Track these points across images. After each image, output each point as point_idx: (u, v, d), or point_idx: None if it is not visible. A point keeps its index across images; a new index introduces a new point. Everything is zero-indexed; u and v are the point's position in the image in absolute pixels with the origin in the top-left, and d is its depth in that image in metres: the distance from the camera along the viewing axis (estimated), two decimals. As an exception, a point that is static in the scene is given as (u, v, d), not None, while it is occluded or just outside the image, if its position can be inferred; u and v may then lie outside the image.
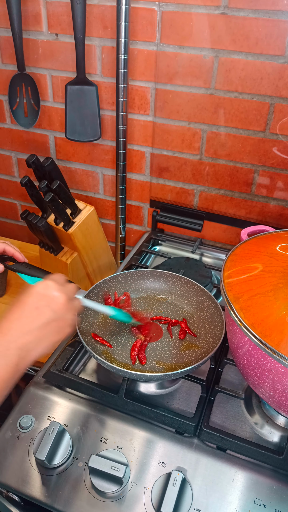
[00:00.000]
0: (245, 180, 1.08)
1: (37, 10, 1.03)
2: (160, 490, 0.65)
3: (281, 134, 0.99)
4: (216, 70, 0.96)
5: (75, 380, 0.78)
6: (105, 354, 0.81)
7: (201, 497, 0.64)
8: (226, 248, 1.21)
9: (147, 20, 0.95)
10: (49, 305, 0.60)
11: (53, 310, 0.60)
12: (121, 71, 0.98)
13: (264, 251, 0.71)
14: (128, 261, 1.11)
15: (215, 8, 0.90)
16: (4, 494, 0.73)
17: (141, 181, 1.19)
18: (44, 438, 0.68)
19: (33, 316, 0.58)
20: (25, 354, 0.56)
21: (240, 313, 0.61)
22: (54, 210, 0.98)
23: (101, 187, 1.25)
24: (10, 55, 1.11)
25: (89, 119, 1.09)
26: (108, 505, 0.65)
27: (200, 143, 1.07)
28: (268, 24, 0.88)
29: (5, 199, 1.42)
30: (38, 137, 1.23)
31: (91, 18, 0.99)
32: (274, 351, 0.56)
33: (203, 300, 0.90)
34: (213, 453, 0.69)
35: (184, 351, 0.82)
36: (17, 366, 0.55)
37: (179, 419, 0.71)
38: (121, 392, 0.75)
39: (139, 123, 1.09)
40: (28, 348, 0.57)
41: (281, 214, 1.10)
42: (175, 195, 1.18)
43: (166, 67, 0.99)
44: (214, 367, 0.81)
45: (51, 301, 0.60)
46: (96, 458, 0.65)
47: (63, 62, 1.08)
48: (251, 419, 0.76)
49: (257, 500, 0.64)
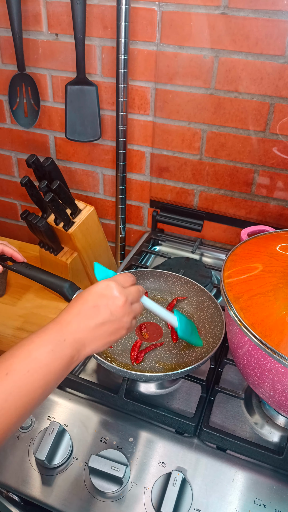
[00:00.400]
0: (245, 180, 1.08)
1: (37, 10, 1.03)
2: (160, 490, 0.65)
3: (281, 134, 0.99)
4: (216, 70, 0.96)
5: (75, 380, 0.78)
6: (105, 354, 0.81)
7: (201, 497, 0.64)
8: (226, 248, 1.21)
9: (147, 20, 0.95)
10: (107, 305, 0.59)
11: (110, 311, 0.59)
12: (121, 71, 0.98)
13: (264, 251, 0.71)
14: (128, 261, 1.11)
15: (215, 8, 0.90)
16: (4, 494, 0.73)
17: (141, 181, 1.19)
18: (44, 438, 0.68)
19: (91, 314, 0.58)
20: (80, 348, 0.57)
21: (240, 313, 0.61)
22: (54, 210, 0.98)
23: (101, 187, 1.25)
24: (10, 55, 1.11)
25: (89, 119, 1.09)
26: (108, 505, 0.65)
27: (200, 143, 1.07)
28: (268, 24, 0.88)
29: (5, 199, 1.42)
30: (38, 137, 1.23)
31: (91, 18, 0.99)
32: (274, 351, 0.56)
33: (203, 300, 0.90)
34: (213, 453, 0.69)
35: (184, 351, 0.82)
36: (71, 358, 0.56)
37: (179, 419, 0.71)
38: (121, 392, 0.75)
39: (139, 123, 1.09)
40: (84, 343, 0.57)
41: (281, 214, 1.10)
42: (175, 195, 1.18)
43: (166, 67, 0.99)
44: (214, 367, 0.81)
45: (110, 302, 0.60)
46: (96, 458, 0.65)
47: (63, 62, 1.08)
48: (251, 419, 0.76)
49: (257, 500, 0.64)
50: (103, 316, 0.59)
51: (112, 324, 0.60)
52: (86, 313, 0.58)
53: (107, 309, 0.59)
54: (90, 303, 0.59)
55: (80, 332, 0.57)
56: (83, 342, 0.57)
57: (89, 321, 0.58)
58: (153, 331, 0.86)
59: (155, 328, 0.87)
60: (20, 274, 0.83)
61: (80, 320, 0.58)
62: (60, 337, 0.56)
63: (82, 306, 0.59)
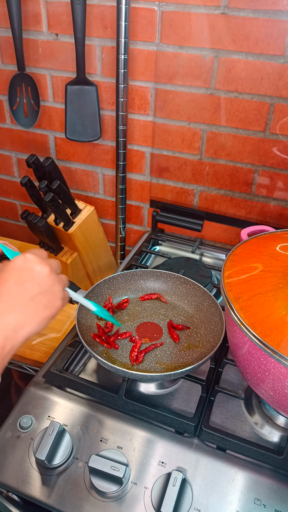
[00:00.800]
0: (245, 180, 1.08)
1: (37, 10, 1.03)
2: (160, 490, 0.65)
3: (281, 134, 0.99)
4: (216, 70, 0.96)
5: (75, 380, 0.78)
6: (105, 354, 0.81)
7: (201, 497, 0.64)
8: (226, 248, 1.21)
9: (147, 20, 0.96)
10: (32, 278, 0.54)
11: (37, 283, 0.54)
12: (121, 71, 0.98)
13: (264, 251, 0.71)
14: (128, 261, 1.11)
15: (215, 8, 0.90)
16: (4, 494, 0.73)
17: (141, 181, 1.19)
18: (44, 438, 0.68)
19: (15, 293, 0.53)
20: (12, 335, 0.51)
21: (240, 313, 0.61)
22: (54, 210, 0.98)
23: (101, 187, 1.25)
24: (10, 55, 1.11)
25: (89, 119, 1.09)
26: (108, 505, 0.65)
27: (200, 143, 1.07)
28: (268, 24, 0.88)
29: (5, 199, 1.42)
30: (38, 137, 1.23)
31: (91, 18, 0.99)
32: (274, 351, 0.56)
33: (203, 300, 0.90)
34: (213, 453, 0.69)
35: (184, 351, 0.82)
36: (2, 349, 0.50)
37: (179, 419, 0.71)
38: (121, 392, 0.75)
39: (139, 123, 1.09)
40: (15, 327, 0.52)
41: (281, 214, 1.10)
42: (175, 195, 1.18)
43: (166, 67, 0.99)
44: (214, 367, 0.81)
45: (34, 274, 0.54)
46: (96, 458, 0.65)
47: (63, 62, 1.08)
48: (251, 419, 0.76)
49: (257, 500, 0.64)
50: (30, 291, 0.54)
51: (43, 296, 0.55)
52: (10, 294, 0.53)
53: (33, 282, 0.54)
54: (11, 281, 0.53)
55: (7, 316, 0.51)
56: (13, 326, 0.52)
57: (15, 302, 0.52)
58: (153, 331, 0.86)
59: (155, 328, 0.87)
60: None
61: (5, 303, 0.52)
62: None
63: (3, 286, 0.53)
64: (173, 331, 0.85)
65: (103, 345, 0.82)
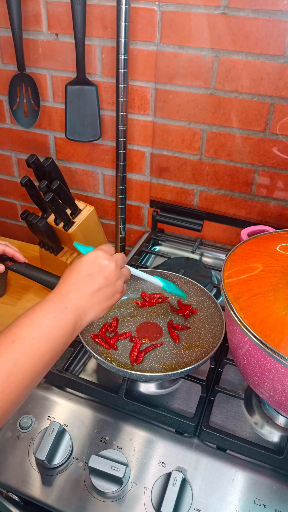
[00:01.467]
0: (245, 180, 1.08)
1: (37, 10, 1.03)
2: (160, 490, 0.65)
3: (281, 134, 0.99)
4: (216, 70, 0.96)
5: (75, 380, 0.78)
6: (105, 354, 0.81)
7: (201, 497, 0.64)
8: (226, 248, 1.21)
9: (147, 20, 0.95)
10: (100, 272, 0.63)
11: (104, 276, 0.63)
12: (121, 71, 0.98)
13: (264, 251, 0.71)
14: (128, 261, 1.11)
15: (215, 8, 0.90)
16: (4, 494, 0.73)
17: (141, 181, 1.19)
18: (44, 438, 0.68)
19: (87, 282, 0.62)
20: (82, 315, 0.60)
21: (240, 313, 0.61)
22: (54, 210, 0.98)
23: (101, 187, 1.25)
24: (10, 55, 1.11)
25: (89, 119, 1.09)
26: (108, 505, 0.65)
27: (200, 143, 1.07)
28: (268, 24, 0.88)
29: (5, 199, 1.42)
30: (38, 137, 1.23)
31: (91, 18, 0.99)
32: (274, 351, 0.56)
33: (203, 300, 0.90)
34: (213, 453, 0.69)
35: (184, 351, 0.82)
36: (74, 324, 0.58)
37: (179, 419, 0.71)
38: (121, 392, 0.75)
39: (139, 123, 1.09)
40: (84, 309, 0.60)
41: (281, 214, 1.10)
42: (175, 195, 1.18)
43: (166, 67, 0.99)
44: (214, 367, 0.81)
45: (102, 269, 0.64)
46: (96, 458, 0.65)
47: (63, 62, 1.08)
48: (251, 419, 0.76)
49: (257, 500, 0.64)
50: (98, 282, 0.63)
51: (108, 289, 0.64)
52: (82, 282, 0.62)
53: (101, 275, 0.63)
54: (84, 272, 0.63)
55: (79, 299, 0.60)
56: (83, 309, 0.60)
57: (86, 289, 0.61)
58: (153, 331, 0.86)
59: (155, 328, 0.87)
60: (20, 274, 0.83)
61: (78, 289, 0.61)
62: (62, 305, 0.58)
63: (78, 276, 0.62)
64: (173, 331, 0.85)
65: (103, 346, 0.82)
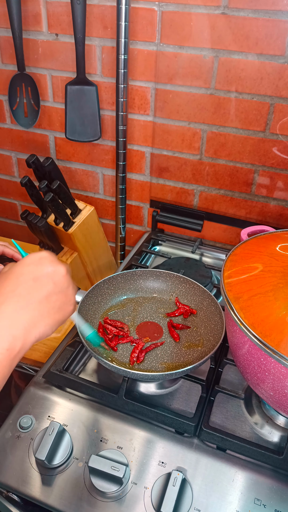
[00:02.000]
0: (245, 180, 1.08)
1: (37, 10, 1.03)
2: (160, 490, 0.65)
3: (281, 134, 0.99)
4: (216, 70, 0.96)
5: (75, 380, 0.78)
6: (105, 354, 0.81)
7: (201, 497, 0.64)
8: (226, 248, 1.21)
9: (147, 20, 0.96)
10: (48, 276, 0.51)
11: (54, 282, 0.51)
12: (121, 71, 0.98)
13: (264, 251, 0.71)
14: (128, 261, 1.11)
15: (215, 8, 0.90)
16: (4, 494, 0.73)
17: (141, 181, 1.19)
18: (44, 438, 0.68)
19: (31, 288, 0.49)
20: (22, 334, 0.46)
21: (240, 313, 0.61)
22: (54, 210, 0.98)
23: (101, 187, 1.25)
24: (10, 55, 1.11)
25: (89, 119, 1.09)
26: (108, 505, 0.65)
27: (200, 143, 1.07)
28: (268, 24, 0.88)
29: (5, 199, 1.42)
30: (38, 137, 1.23)
31: (91, 18, 0.99)
32: (274, 351, 0.56)
33: (203, 300, 0.90)
34: (213, 453, 0.69)
35: (185, 350, 0.82)
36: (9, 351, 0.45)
37: (179, 419, 0.71)
38: (121, 392, 0.75)
39: (139, 123, 1.09)
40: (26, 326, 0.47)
41: (281, 214, 1.10)
42: (175, 195, 1.18)
43: (166, 67, 0.99)
44: (214, 367, 0.81)
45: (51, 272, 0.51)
46: (96, 458, 0.65)
47: (63, 62, 1.08)
48: (251, 419, 0.76)
49: (257, 500, 0.64)
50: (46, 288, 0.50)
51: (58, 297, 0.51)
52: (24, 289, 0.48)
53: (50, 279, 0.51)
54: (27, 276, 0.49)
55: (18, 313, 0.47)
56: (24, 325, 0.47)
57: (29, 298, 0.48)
58: (153, 331, 0.86)
59: (155, 327, 0.87)
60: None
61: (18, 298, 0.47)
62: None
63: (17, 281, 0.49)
64: (173, 331, 0.85)
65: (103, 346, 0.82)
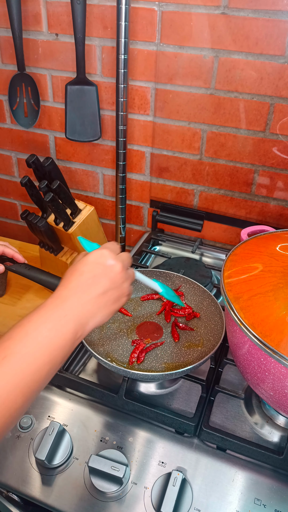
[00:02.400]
0: (245, 180, 1.08)
1: (37, 10, 1.03)
2: (160, 490, 0.65)
3: (281, 134, 0.99)
4: (216, 70, 0.96)
5: (75, 380, 0.78)
6: (105, 354, 0.81)
7: (201, 497, 0.64)
8: (226, 248, 1.21)
9: (147, 20, 0.95)
10: (106, 274, 0.58)
11: (110, 278, 0.58)
12: (121, 71, 0.98)
13: (264, 251, 0.71)
14: (128, 261, 1.11)
15: (215, 8, 0.90)
16: (4, 494, 0.73)
17: (141, 181, 1.19)
18: (44, 438, 0.68)
19: (90, 285, 0.57)
20: (84, 322, 0.55)
21: (240, 313, 0.61)
22: (54, 210, 0.98)
23: (101, 187, 1.25)
24: (10, 55, 1.11)
25: (89, 119, 1.09)
26: (108, 505, 0.65)
27: (200, 143, 1.07)
28: (268, 24, 0.88)
29: (5, 199, 1.42)
30: (38, 137, 1.23)
31: (91, 18, 0.99)
32: (274, 351, 0.56)
33: (203, 300, 0.90)
34: (213, 453, 0.69)
35: (185, 350, 0.82)
36: (74, 334, 0.53)
37: (179, 419, 0.71)
38: (121, 392, 0.75)
39: (139, 123, 1.09)
40: (87, 316, 0.55)
41: (281, 214, 1.10)
42: (175, 195, 1.18)
43: (166, 67, 0.99)
44: (214, 367, 0.81)
45: (108, 270, 0.58)
46: (96, 458, 0.65)
47: (63, 62, 1.08)
48: (251, 419, 0.76)
49: (257, 500, 0.64)
50: (103, 285, 0.58)
51: (114, 292, 0.59)
52: (85, 285, 0.56)
53: (107, 277, 0.58)
54: (87, 274, 0.57)
55: (82, 305, 0.55)
56: (86, 315, 0.55)
57: (90, 293, 0.56)
58: (153, 331, 0.86)
59: (155, 327, 0.87)
60: (20, 274, 0.83)
61: (81, 293, 0.56)
62: (60, 313, 0.54)
63: (80, 278, 0.57)
64: (174, 330, 0.85)
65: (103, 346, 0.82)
